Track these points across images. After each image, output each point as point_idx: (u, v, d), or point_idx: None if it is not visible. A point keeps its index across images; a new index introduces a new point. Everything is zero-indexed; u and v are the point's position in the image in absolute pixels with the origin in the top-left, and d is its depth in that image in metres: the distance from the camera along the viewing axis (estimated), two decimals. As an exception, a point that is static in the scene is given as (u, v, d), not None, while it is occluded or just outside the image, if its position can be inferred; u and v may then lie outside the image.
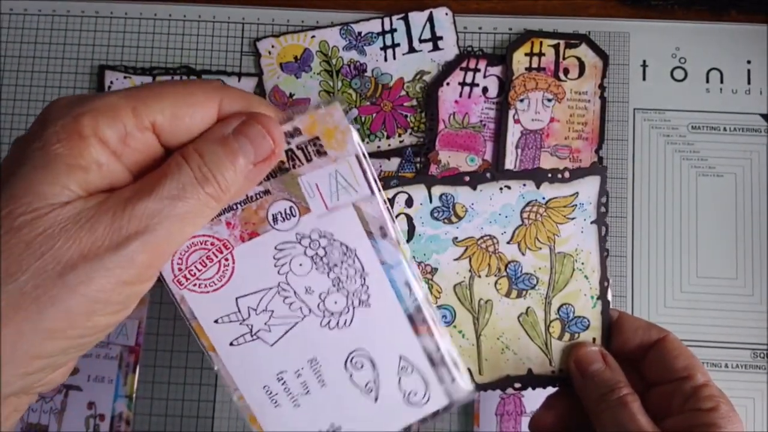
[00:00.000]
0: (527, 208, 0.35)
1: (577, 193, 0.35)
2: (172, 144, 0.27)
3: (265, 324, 0.32)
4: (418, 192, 0.35)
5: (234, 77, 0.54)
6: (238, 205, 0.30)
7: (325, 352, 0.32)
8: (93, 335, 0.26)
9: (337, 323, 0.32)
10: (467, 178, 0.35)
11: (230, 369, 0.32)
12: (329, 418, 0.33)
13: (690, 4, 0.55)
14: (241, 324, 0.32)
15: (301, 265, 0.31)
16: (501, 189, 0.35)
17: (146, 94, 0.25)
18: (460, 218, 0.35)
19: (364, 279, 0.32)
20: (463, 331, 0.36)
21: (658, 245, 0.52)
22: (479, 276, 0.35)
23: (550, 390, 0.37)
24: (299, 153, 0.30)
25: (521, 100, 0.53)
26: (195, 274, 0.30)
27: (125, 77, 0.54)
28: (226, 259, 0.31)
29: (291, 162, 0.30)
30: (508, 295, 0.36)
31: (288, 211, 0.31)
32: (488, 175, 0.35)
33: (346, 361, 0.32)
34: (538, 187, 0.35)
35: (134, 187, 0.25)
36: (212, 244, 0.30)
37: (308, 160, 0.30)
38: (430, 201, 0.35)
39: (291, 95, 0.54)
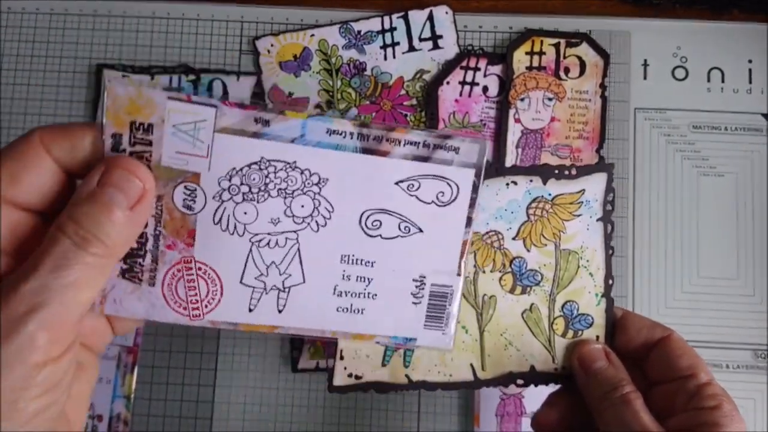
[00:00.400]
0: (533, 205, 0.35)
1: (584, 190, 0.35)
2: (34, 207, 0.27)
3: (282, 273, 0.31)
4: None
5: (233, 76, 0.54)
6: (158, 229, 0.29)
7: (341, 244, 0.31)
8: (28, 422, 0.24)
9: (324, 222, 0.31)
10: (476, 174, 0.34)
11: (299, 327, 0.31)
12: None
13: (691, 3, 0.54)
14: (269, 293, 0.31)
15: (245, 213, 0.30)
16: (507, 184, 0.35)
17: None
18: None
19: (296, 172, 0.30)
20: (467, 326, 0.35)
21: (659, 245, 0.52)
22: (483, 272, 0.35)
23: (553, 388, 0.37)
24: (138, 147, 0.28)
25: (522, 100, 0.53)
26: (196, 299, 0.30)
27: (123, 76, 0.53)
28: (200, 269, 0.30)
29: (143, 160, 0.28)
30: (512, 291, 0.35)
31: (188, 191, 0.29)
32: (495, 170, 0.35)
33: (362, 222, 0.31)
34: (544, 184, 0.35)
35: (19, 270, 0.25)
36: (178, 269, 0.30)
37: (149, 144, 0.28)
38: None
39: (290, 94, 0.54)
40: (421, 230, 0.31)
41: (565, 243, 0.35)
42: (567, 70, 0.53)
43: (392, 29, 0.54)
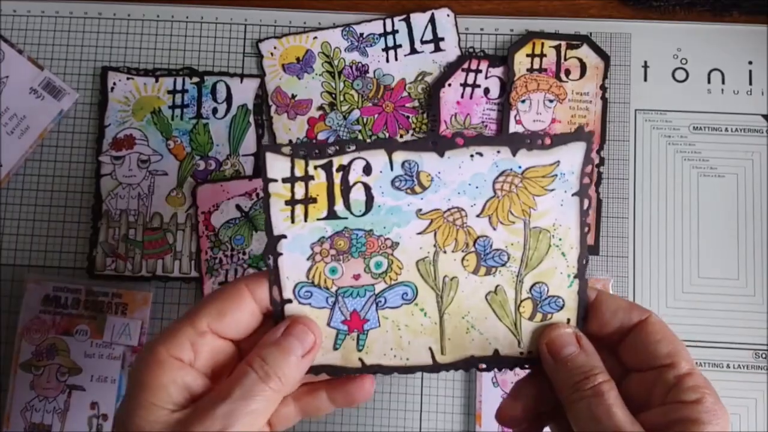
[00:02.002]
0: (500, 178, 0.32)
1: (559, 161, 0.32)
2: (232, 337, 0.32)
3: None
4: (378, 158, 0.32)
5: (236, 78, 0.54)
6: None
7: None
8: None
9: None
10: (433, 143, 0.32)
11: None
12: None
13: (691, 5, 0.55)
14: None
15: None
16: (472, 156, 0.32)
17: (197, 306, 0.32)
18: (424, 188, 0.32)
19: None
20: (425, 309, 0.33)
21: (659, 246, 0.52)
22: (444, 252, 0.33)
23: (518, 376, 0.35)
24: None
25: (523, 101, 0.53)
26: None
27: (128, 78, 0.54)
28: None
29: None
30: (475, 272, 0.33)
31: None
32: (457, 140, 0.32)
33: None
34: (514, 155, 0.32)
35: (212, 394, 0.30)
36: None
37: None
38: (391, 168, 0.32)
39: (293, 96, 0.54)
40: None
41: (535, 220, 0.33)
42: (568, 72, 0.53)
43: (394, 32, 0.54)
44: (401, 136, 0.53)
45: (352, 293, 0.33)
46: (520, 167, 0.32)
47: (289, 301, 0.33)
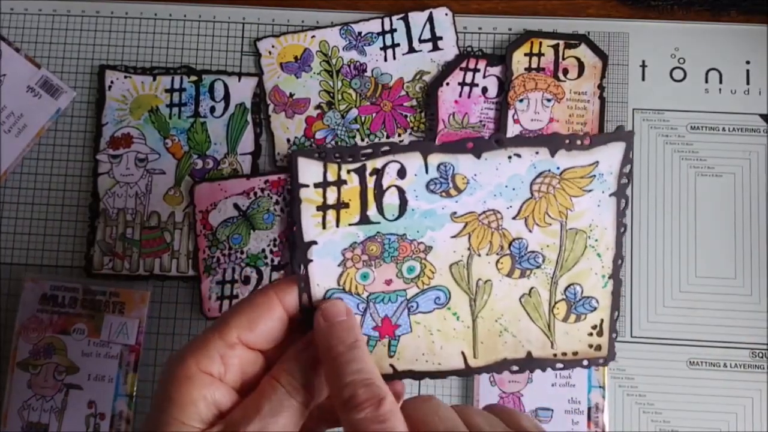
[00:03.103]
0: (538, 180, 0.31)
1: (597, 162, 0.31)
2: (261, 347, 0.31)
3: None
4: (413, 161, 0.31)
5: (234, 77, 0.54)
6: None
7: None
8: None
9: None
10: (471, 145, 0.31)
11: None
12: None
13: (689, 5, 0.55)
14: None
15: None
16: (510, 158, 0.31)
17: (225, 317, 0.31)
18: (460, 191, 0.32)
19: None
20: (458, 313, 0.33)
21: (657, 245, 0.52)
22: (479, 255, 0.32)
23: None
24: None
25: (521, 100, 0.53)
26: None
27: (126, 77, 0.54)
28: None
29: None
30: (510, 274, 0.33)
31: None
32: (495, 141, 0.31)
33: None
34: (552, 156, 0.31)
35: (241, 410, 0.30)
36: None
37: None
38: (426, 171, 0.31)
39: (291, 95, 0.54)
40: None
41: (572, 221, 0.32)
42: (566, 72, 0.53)
43: (392, 31, 0.54)
44: (399, 135, 0.53)
45: (383, 299, 0.33)
46: (558, 168, 0.31)
47: None
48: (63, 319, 0.50)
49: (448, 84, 0.53)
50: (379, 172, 0.31)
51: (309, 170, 0.31)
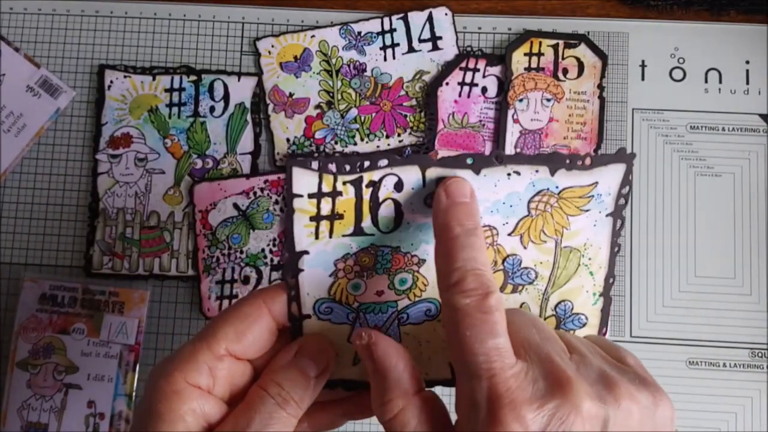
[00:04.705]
0: (536, 198, 0.31)
1: (597, 182, 0.31)
2: (249, 357, 0.31)
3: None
4: (411, 174, 0.30)
5: (234, 77, 0.54)
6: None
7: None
8: None
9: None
10: (470, 161, 0.30)
11: None
12: None
13: (689, 4, 0.55)
14: None
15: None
16: (509, 175, 0.30)
17: (213, 327, 0.30)
18: None
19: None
20: None
21: (656, 244, 0.52)
22: None
23: None
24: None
25: (520, 100, 0.53)
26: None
27: (125, 76, 0.54)
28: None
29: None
30: (502, 289, 0.32)
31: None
32: (495, 158, 0.30)
33: None
34: (552, 175, 0.30)
35: (230, 422, 0.29)
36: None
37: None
38: (424, 185, 0.30)
39: (291, 95, 0.54)
40: None
41: (567, 240, 0.32)
42: (565, 71, 0.53)
43: (392, 30, 0.54)
44: (399, 135, 0.53)
45: (374, 309, 0.32)
46: (557, 187, 0.31)
47: (308, 316, 0.32)
48: (62, 319, 0.50)
49: (447, 84, 0.53)
50: (375, 185, 0.30)
51: (304, 180, 0.30)
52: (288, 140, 0.53)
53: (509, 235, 0.32)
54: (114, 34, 0.55)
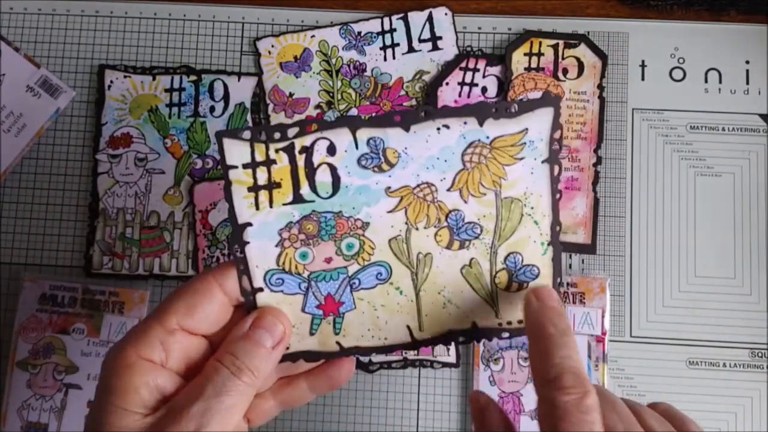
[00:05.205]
0: (469, 150, 0.31)
1: (527, 129, 0.31)
2: (203, 332, 0.32)
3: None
4: (342, 137, 0.31)
5: (234, 77, 0.54)
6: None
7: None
8: None
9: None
10: (398, 118, 0.31)
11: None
12: None
13: (689, 4, 0.55)
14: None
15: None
16: (438, 129, 0.31)
17: (164, 304, 0.31)
18: (392, 165, 0.32)
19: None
20: (401, 287, 0.33)
21: (656, 244, 0.52)
22: (417, 228, 0.32)
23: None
24: None
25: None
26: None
27: (125, 76, 0.54)
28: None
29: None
30: (449, 246, 0.33)
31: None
32: (423, 113, 0.31)
33: None
34: (481, 125, 0.31)
35: (184, 393, 0.30)
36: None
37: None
38: (356, 147, 0.31)
39: (291, 95, 0.54)
40: None
41: (506, 190, 0.32)
42: (565, 71, 0.53)
43: (392, 30, 0.54)
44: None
45: (324, 277, 0.33)
46: (488, 137, 0.31)
47: (261, 289, 0.33)
48: (62, 319, 0.50)
49: (447, 84, 0.53)
50: (308, 150, 0.31)
51: (236, 151, 0.31)
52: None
53: (448, 190, 0.32)
54: (114, 34, 0.55)
